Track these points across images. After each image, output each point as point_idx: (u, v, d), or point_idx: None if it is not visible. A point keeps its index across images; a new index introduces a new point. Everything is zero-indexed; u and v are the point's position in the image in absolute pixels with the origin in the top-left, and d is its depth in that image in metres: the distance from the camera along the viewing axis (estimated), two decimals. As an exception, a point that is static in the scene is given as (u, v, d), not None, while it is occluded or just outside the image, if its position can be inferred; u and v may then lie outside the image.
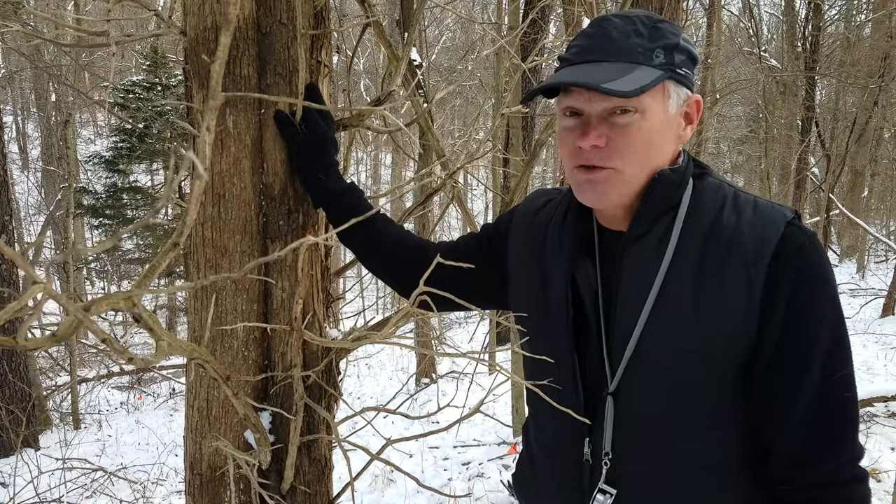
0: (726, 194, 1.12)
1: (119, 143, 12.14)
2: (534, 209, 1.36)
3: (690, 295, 1.07)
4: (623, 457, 1.15)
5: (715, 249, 1.07)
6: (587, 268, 1.19)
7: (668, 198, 1.11)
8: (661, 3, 4.37)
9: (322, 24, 1.50)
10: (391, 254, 1.50)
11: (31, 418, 6.76)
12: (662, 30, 1.09)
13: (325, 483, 1.58)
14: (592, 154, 1.08)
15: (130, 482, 5.24)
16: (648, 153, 1.09)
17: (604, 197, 1.11)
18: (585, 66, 1.08)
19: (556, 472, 1.27)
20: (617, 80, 1.02)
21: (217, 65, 0.74)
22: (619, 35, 1.08)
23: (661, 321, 1.09)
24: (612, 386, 1.14)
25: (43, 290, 0.71)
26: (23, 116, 24.26)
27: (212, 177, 1.41)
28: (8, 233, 6.76)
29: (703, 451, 1.12)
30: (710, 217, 1.10)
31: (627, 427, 1.14)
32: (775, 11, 16.73)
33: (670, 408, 1.11)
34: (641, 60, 1.06)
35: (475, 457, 5.17)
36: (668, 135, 1.11)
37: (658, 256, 1.10)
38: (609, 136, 1.07)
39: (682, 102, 1.11)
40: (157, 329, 0.98)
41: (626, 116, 1.06)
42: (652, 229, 1.12)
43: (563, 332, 1.20)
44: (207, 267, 1.44)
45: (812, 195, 16.26)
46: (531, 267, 1.29)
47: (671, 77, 1.08)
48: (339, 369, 1.59)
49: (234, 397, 1.26)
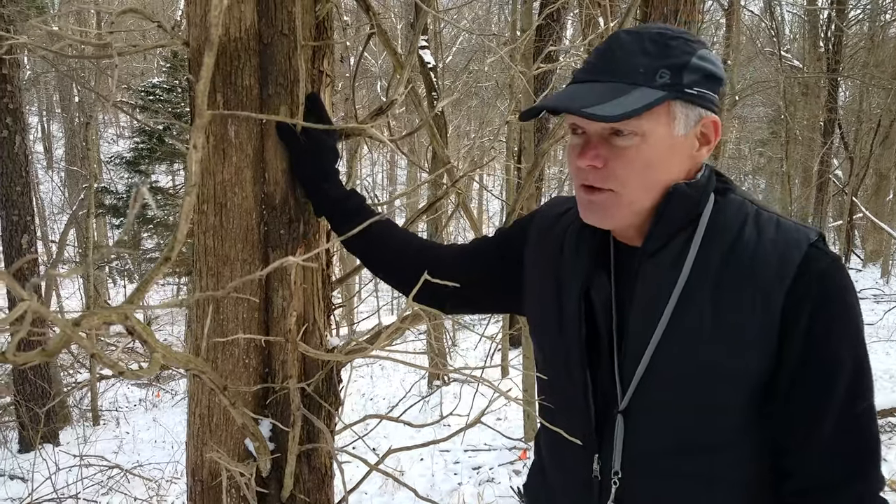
0: (748, 212, 1.09)
1: (140, 144, 12.26)
2: (554, 216, 1.32)
3: (708, 314, 1.04)
4: (632, 475, 1.13)
5: (735, 268, 1.04)
6: (602, 282, 1.17)
7: (685, 213, 1.08)
8: (675, 4, 4.32)
9: (324, 34, 1.51)
10: (395, 259, 1.49)
11: (51, 415, 6.86)
12: (672, 48, 1.04)
13: (325, 491, 1.58)
14: (591, 174, 1.06)
15: (145, 480, 5.29)
16: (647, 176, 1.05)
17: (605, 218, 1.10)
18: (583, 86, 1.06)
19: (566, 486, 1.26)
20: (607, 102, 0.99)
21: (201, 84, 0.74)
22: (622, 54, 1.04)
23: (675, 339, 1.06)
24: (623, 404, 1.12)
25: (28, 308, 0.72)
26: (47, 117, 24.57)
27: (214, 186, 1.42)
28: (30, 233, 6.86)
29: (714, 470, 1.10)
30: (731, 234, 1.06)
31: (637, 445, 1.12)
32: (798, 11, 16.54)
33: (681, 427, 1.09)
34: (641, 81, 1.02)
35: (486, 461, 5.16)
36: (673, 158, 1.07)
37: (674, 273, 1.07)
38: (607, 157, 1.04)
39: (693, 123, 1.06)
40: (152, 341, 0.99)
41: (625, 139, 1.03)
42: (668, 245, 1.09)
43: (575, 346, 1.18)
44: (209, 275, 1.46)
45: (835, 198, 16.06)
46: (547, 276, 1.27)
47: (678, 98, 1.03)
48: (340, 378, 1.60)
49: (231, 407, 1.27)
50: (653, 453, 1.12)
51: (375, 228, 1.46)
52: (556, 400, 1.25)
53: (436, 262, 1.39)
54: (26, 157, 6.86)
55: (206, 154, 1.43)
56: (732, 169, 20.68)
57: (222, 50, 1.39)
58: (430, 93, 4.04)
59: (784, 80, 12.62)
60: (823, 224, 14.25)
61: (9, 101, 6.45)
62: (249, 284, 1.45)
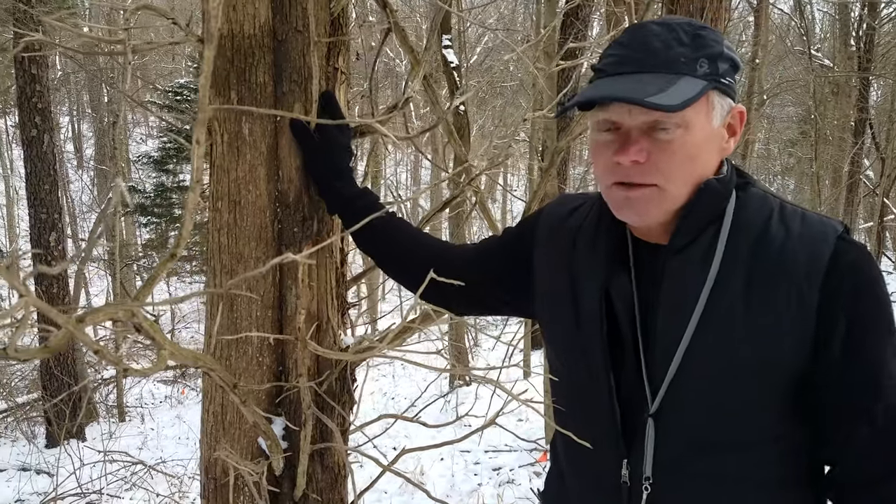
0: (772, 206, 1.07)
1: (167, 144, 12.40)
2: (565, 212, 1.30)
3: (741, 309, 1.02)
4: (665, 480, 1.10)
5: (764, 263, 1.03)
6: (622, 281, 1.14)
7: (713, 209, 1.06)
8: (702, 2, 4.27)
9: (339, 30, 1.50)
10: (404, 257, 1.48)
11: (77, 411, 6.95)
12: (705, 37, 1.03)
13: (338, 490, 1.57)
14: (632, 170, 1.03)
15: (168, 476, 5.34)
16: (691, 169, 1.03)
17: (645, 215, 1.06)
18: (624, 79, 1.02)
19: (590, 493, 1.23)
20: (660, 93, 0.96)
21: (203, 78, 0.73)
22: (660, 44, 1.02)
23: (709, 337, 1.04)
24: (654, 407, 1.09)
25: (27, 303, 0.71)
26: (78, 117, 24.93)
27: (228, 184, 1.42)
28: (58, 230, 6.95)
29: (746, 470, 1.07)
30: (757, 229, 1.05)
31: (670, 449, 1.09)
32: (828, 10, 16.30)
33: (715, 427, 1.06)
34: (685, 71, 1.00)
35: (506, 463, 5.13)
36: (711, 148, 1.05)
37: (703, 269, 1.05)
38: (650, 151, 1.01)
39: (726, 114, 1.06)
40: (159, 337, 0.98)
41: (669, 132, 1.01)
42: (696, 241, 1.06)
43: (596, 348, 1.14)
44: (223, 273, 1.45)
45: (865, 199, 15.79)
46: (560, 274, 1.23)
47: (716, 87, 1.02)
48: (354, 377, 1.59)
49: (242, 405, 1.26)
50: (685, 456, 1.09)
51: (387, 227, 1.45)
52: (574, 404, 1.22)
53: (443, 262, 1.37)
54: (54, 156, 6.96)
55: (221, 151, 1.43)
56: (761, 169, 20.43)
57: (237, 46, 1.38)
58: (453, 92, 4.02)
59: (814, 79, 12.43)
60: (854, 225, 14.02)
61: (38, 100, 6.54)
62: (263, 283, 1.45)
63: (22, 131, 6.77)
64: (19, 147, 21.73)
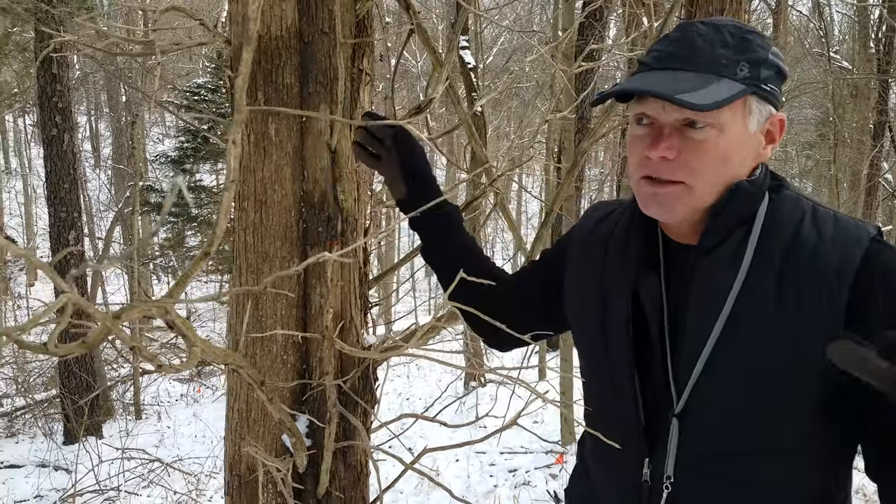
0: (805, 208, 1.07)
1: (185, 144, 12.48)
2: (593, 223, 1.31)
3: (771, 309, 1.02)
4: (687, 480, 1.10)
5: (795, 265, 1.03)
6: (651, 282, 1.14)
7: (744, 210, 1.07)
8: (721, 3, 4.25)
9: (364, 32, 1.51)
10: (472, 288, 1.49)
11: (95, 408, 7.01)
12: (751, 41, 1.03)
13: (360, 489, 1.59)
14: (661, 166, 1.04)
15: (185, 474, 5.38)
16: (721, 170, 1.04)
17: (670, 211, 1.07)
18: (664, 74, 1.03)
19: (612, 491, 1.24)
20: (694, 91, 0.97)
21: (240, 80, 0.75)
22: (703, 44, 1.02)
23: (736, 335, 1.04)
24: (679, 407, 1.09)
25: (68, 300, 0.73)
26: (95, 116, 25.13)
27: (254, 183, 1.44)
28: (77, 229, 7.02)
29: (773, 477, 1.07)
30: (789, 231, 1.05)
31: (694, 450, 1.09)
32: (847, 11, 16.16)
33: (740, 429, 1.06)
34: (724, 73, 1.01)
35: (522, 464, 5.13)
36: (745, 153, 1.05)
37: (732, 269, 1.05)
38: (680, 148, 1.02)
39: (764, 120, 1.05)
40: (191, 335, 1.00)
41: (702, 131, 1.01)
42: (725, 241, 1.07)
43: (622, 348, 1.16)
44: (249, 272, 1.47)
45: (884, 202, 15.64)
46: (590, 280, 1.24)
47: (755, 93, 1.02)
48: (376, 376, 1.60)
49: (269, 402, 1.27)
50: (708, 457, 1.09)
51: (461, 248, 1.48)
52: (601, 404, 1.23)
53: (498, 292, 1.38)
54: (74, 155, 7.02)
55: (247, 152, 1.44)
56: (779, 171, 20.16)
57: (263, 48, 1.40)
58: (470, 93, 4.04)
59: (833, 81, 12.33)
60: (872, 229, 13.84)
61: (58, 99, 6.60)
62: (288, 281, 1.46)
63: (42, 130, 6.84)
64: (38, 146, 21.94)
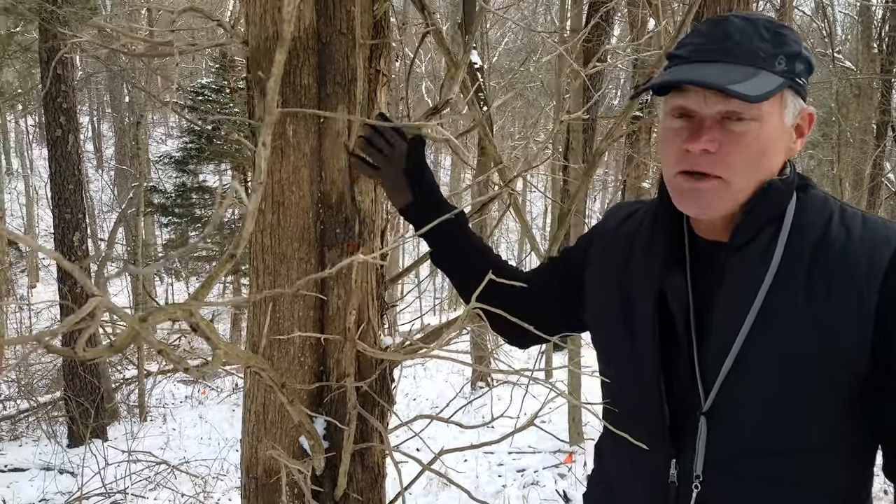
0: (833, 208, 1.07)
1: (188, 144, 12.46)
2: (615, 223, 1.30)
3: (801, 306, 1.02)
4: (716, 479, 1.09)
5: (824, 263, 1.02)
6: (678, 281, 1.13)
7: (775, 208, 1.06)
8: (729, 4, 4.24)
9: (381, 33, 1.50)
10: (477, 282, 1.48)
11: (99, 410, 7.00)
12: (785, 36, 1.03)
13: (377, 491, 1.58)
14: (701, 159, 1.03)
15: (192, 476, 5.37)
16: (759, 164, 1.03)
17: (707, 208, 1.06)
18: (705, 66, 1.02)
19: (638, 494, 1.22)
20: (742, 82, 0.97)
21: (272, 81, 0.74)
22: (741, 37, 1.02)
23: (766, 333, 1.03)
24: (707, 405, 1.08)
25: (99, 303, 0.72)
26: (98, 116, 25.15)
27: (272, 185, 1.43)
28: (81, 230, 7.01)
29: (803, 474, 1.07)
30: (818, 230, 1.05)
31: (723, 448, 1.08)
32: (850, 12, 16.14)
33: (769, 427, 1.06)
34: (764, 66, 1.01)
35: (530, 464, 5.12)
36: (779, 147, 1.05)
37: (762, 267, 1.05)
38: (721, 141, 1.01)
39: (797, 114, 1.06)
40: (215, 338, 0.99)
41: (743, 124, 1.01)
42: (756, 238, 1.06)
43: (649, 348, 1.14)
44: (266, 273, 1.46)
45: (887, 202, 15.63)
46: (612, 281, 1.23)
47: (791, 86, 1.03)
48: (392, 377, 1.59)
49: (289, 404, 1.27)
50: (737, 455, 1.08)
51: (465, 246, 1.47)
52: (625, 405, 1.21)
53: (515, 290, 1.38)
54: (79, 156, 7.02)
55: (265, 153, 1.44)
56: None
57: (281, 49, 1.39)
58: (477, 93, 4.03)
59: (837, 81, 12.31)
60: (876, 229, 13.83)
61: (63, 100, 6.60)
62: (306, 283, 1.46)
63: (47, 131, 6.83)
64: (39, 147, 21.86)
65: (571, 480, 4.64)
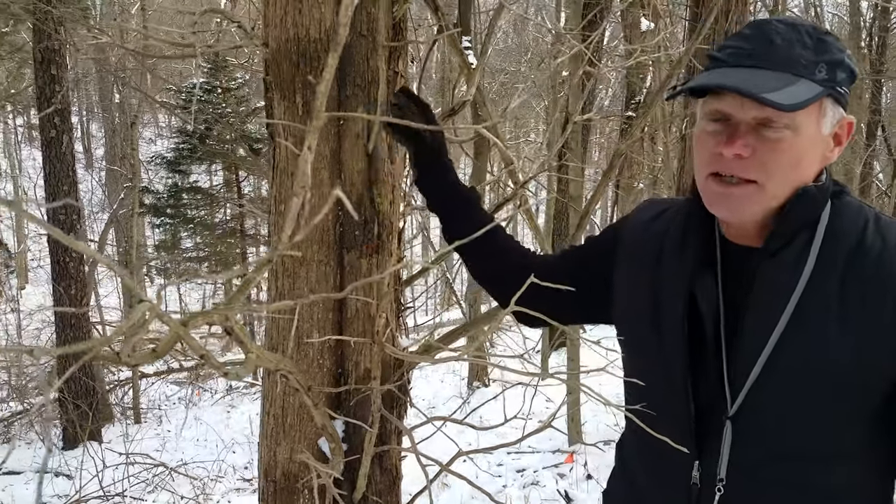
0: (868, 216, 1.07)
1: (180, 145, 12.42)
2: (646, 220, 1.30)
3: (834, 313, 1.02)
4: (740, 484, 1.10)
5: (860, 271, 1.02)
6: (708, 283, 1.13)
7: (809, 214, 1.06)
8: (727, 4, 4.26)
9: (400, 34, 1.50)
10: (496, 262, 1.48)
11: (95, 412, 6.96)
12: (828, 43, 1.03)
13: (395, 493, 1.58)
14: (733, 163, 1.03)
15: (191, 478, 5.35)
16: (793, 172, 1.03)
17: (738, 212, 1.07)
18: (742, 71, 1.02)
19: (660, 494, 1.23)
20: (777, 91, 0.97)
21: (323, 86, 0.74)
22: (783, 43, 1.02)
23: (797, 339, 1.03)
24: (733, 409, 1.09)
25: (149, 309, 0.72)
26: (87, 117, 25.01)
27: (291, 187, 1.43)
28: (76, 231, 6.97)
29: (832, 480, 1.07)
30: (853, 237, 1.05)
31: (747, 453, 1.09)
32: (838, 12, 16.23)
33: (797, 433, 1.06)
34: (804, 73, 1.00)
35: (530, 464, 5.12)
36: (815, 155, 1.05)
37: (796, 273, 1.05)
38: (756, 147, 1.01)
39: (835, 122, 1.05)
40: (247, 342, 0.99)
41: (778, 131, 1.01)
42: (790, 244, 1.06)
43: (677, 348, 1.14)
44: (285, 276, 1.46)
45: (878, 201, 15.75)
46: (642, 279, 1.23)
47: (830, 95, 1.02)
48: (409, 379, 1.59)
49: (314, 408, 1.27)
50: (762, 460, 1.08)
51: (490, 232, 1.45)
52: (651, 404, 1.22)
53: (529, 270, 1.38)
54: (73, 157, 6.98)
55: (284, 155, 1.44)
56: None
57: (302, 51, 1.39)
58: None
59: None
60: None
61: (57, 101, 6.56)
62: (325, 285, 1.46)
63: (41, 132, 6.79)
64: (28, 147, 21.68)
65: (572, 480, 4.65)
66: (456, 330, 1.60)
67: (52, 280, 7.00)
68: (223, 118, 11.40)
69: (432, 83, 13.81)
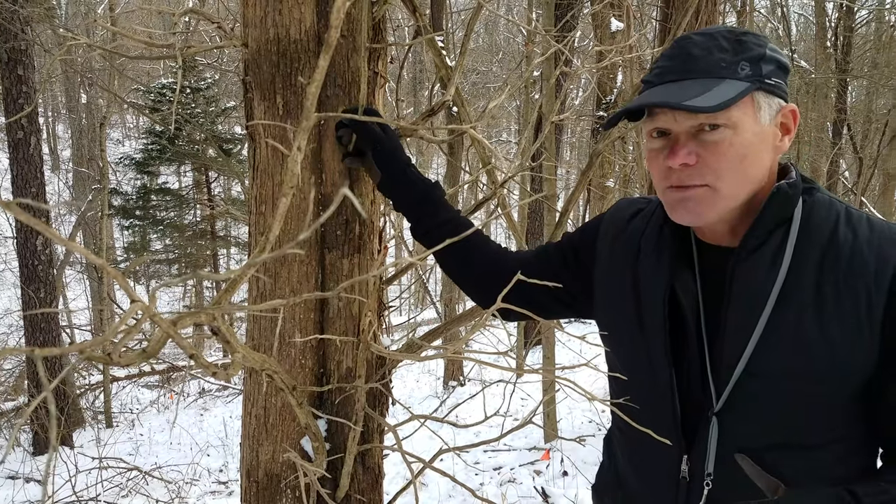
0: (839, 210, 1.10)
1: (149, 145, 12.28)
2: (625, 218, 1.33)
3: (811, 310, 1.05)
4: (728, 478, 1.12)
5: (834, 266, 1.05)
6: (688, 283, 1.16)
7: (783, 212, 1.09)
8: (697, 6, 4.32)
9: (379, 35, 1.51)
10: (470, 259, 1.48)
11: (66, 416, 6.86)
12: (746, 42, 1.07)
13: (377, 492, 1.59)
14: (683, 173, 1.07)
15: (165, 482, 5.29)
16: (743, 168, 1.06)
17: (699, 215, 1.09)
18: (667, 87, 1.07)
19: (648, 488, 1.25)
20: (700, 96, 1.01)
21: (313, 87, 0.75)
22: (700, 52, 1.06)
23: (778, 336, 1.06)
24: (718, 405, 1.11)
25: (142, 309, 0.72)
26: (53, 117, 24.61)
27: (272, 187, 1.43)
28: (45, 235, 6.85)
29: (815, 468, 1.10)
30: (826, 233, 1.08)
31: (733, 446, 1.11)
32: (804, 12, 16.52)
33: (781, 426, 1.09)
34: (726, 74, 1.04)
35: (506, 462, 5.15)
36: (762, 147, 1.08)
37: (773, 271, 1.08)
38: (699, 153, 1.05)
39: (775, 113, 1.08)
40: (234, 342, 1.00)
41: (716, 133, 1.04)
42: (766, 243, 1.09)
43: (660, 347, 1.17)
44: (266, 275, 1.46)
45: (843, 197, 16.05)
46: (623, 278, 1.26)
47: (760, 88, 1.06)
48: (390, 378, 1.60)
49: (298, 407, 1.27)
50: (749, 454, 1.10)
51: (457, 226, 1.45)
52: (637, 400, 1.24)
53: (503, 266, 1.41)
54: (41, 159, 6.87)
55: (264, 155, 1.44)
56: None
57: (282, 51, 1.39)
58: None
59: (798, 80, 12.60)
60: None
61: (24, 102, 6.45)
62: (306, 285, 1.46)
63: (8, 133, 6.67)
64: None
65: (548, 477, 4.68)
66: (437, 329, 1.61)
67: (20, 283, 6.88)
68: (193, 118, 11.29)
69: (404, 83, 13.79)
